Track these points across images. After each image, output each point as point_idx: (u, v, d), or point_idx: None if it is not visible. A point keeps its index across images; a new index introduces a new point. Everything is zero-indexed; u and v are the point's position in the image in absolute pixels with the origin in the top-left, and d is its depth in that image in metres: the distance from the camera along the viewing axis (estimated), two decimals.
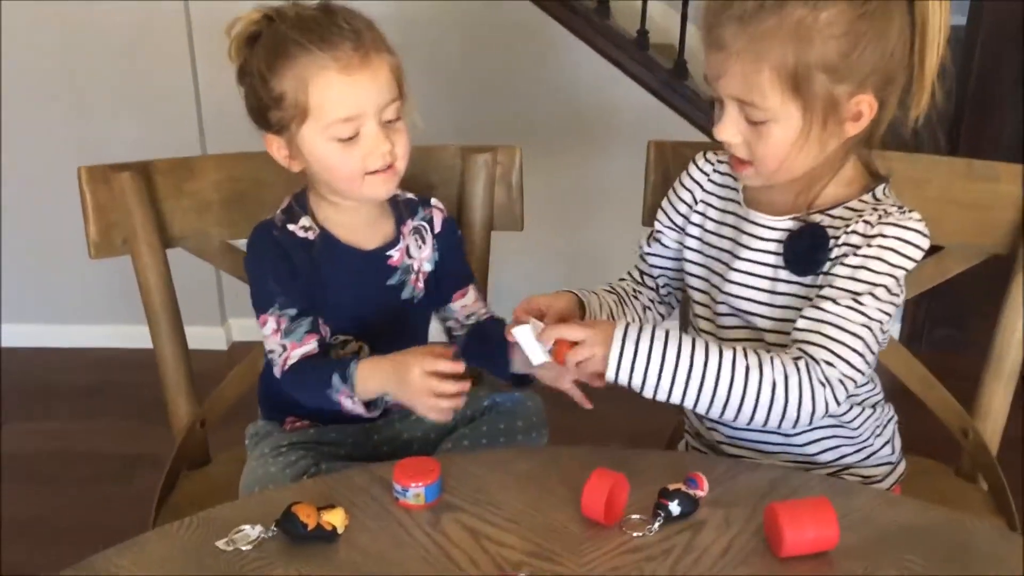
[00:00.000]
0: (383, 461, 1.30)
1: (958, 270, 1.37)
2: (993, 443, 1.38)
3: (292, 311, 1.24)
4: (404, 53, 1.24)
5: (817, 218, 1.13)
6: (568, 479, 1.05)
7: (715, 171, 1.26)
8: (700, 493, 1.03)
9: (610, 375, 1.06)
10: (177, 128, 2.65)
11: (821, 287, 1.10)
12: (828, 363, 1.06)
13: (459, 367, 1.15)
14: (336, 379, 1.19)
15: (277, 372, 1.26)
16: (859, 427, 1.21)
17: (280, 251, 1.25)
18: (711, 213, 1.25)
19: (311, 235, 1.28)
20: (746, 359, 1.05)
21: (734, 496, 1.04)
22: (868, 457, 1.23)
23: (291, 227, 1.27)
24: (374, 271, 1.31)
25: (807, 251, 1.12)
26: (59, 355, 2.86)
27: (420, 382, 1.13)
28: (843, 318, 1.07)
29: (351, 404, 1.20)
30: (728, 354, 1.05)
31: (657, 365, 1.04)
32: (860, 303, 1.07)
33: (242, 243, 1.44)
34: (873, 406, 1.23)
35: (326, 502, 1.00)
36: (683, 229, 1.27)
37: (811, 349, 1.07)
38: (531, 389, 1.37)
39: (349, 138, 1.19)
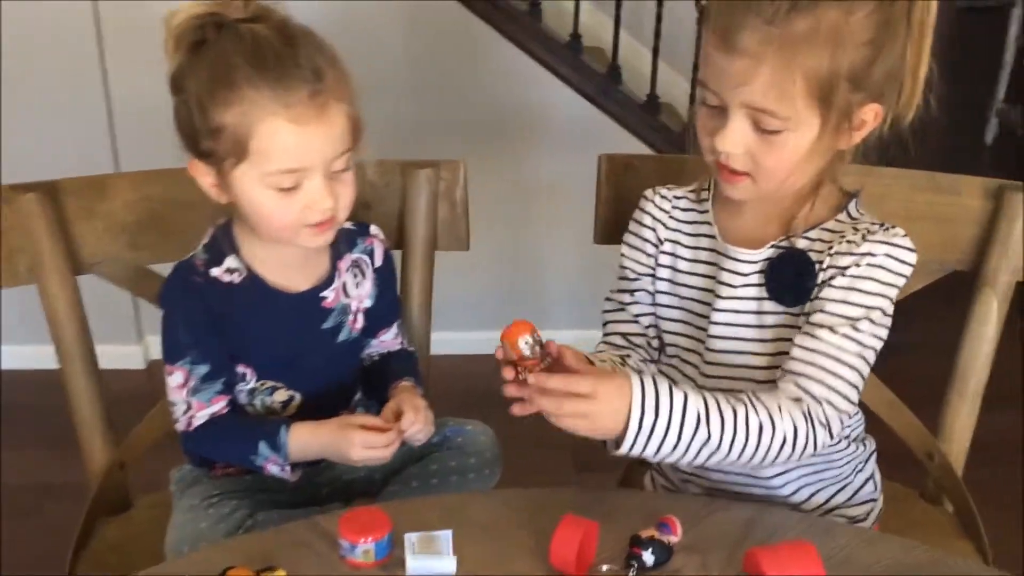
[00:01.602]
0: (325, 505, 1.23)
1: (919, 286, 1.32)
2: (958, 464, 1.34)
3: (203, 368, 1.15)
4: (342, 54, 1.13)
5: (797, 244, 1.07)
6: (531, 525, 0.99)
7: (675, 207, 1.18)
8: (674, 539, 0.97)
9: (620, 451, 0.98)
10: (86, 141, 2.47)
11: (810, 314, 1.05)
12: (827, 401, 1.02)
13: (391, 430, 1.12)
14: (264, 447, 1.12)
15: (179, 427, 1.16)
16: (842, 465, 1.16)
17: (199, 301, 1.14)
18: (681, 252, 1.17)
19: (237, 278, 1.16)
20: (758, 415, 0.99)
21: (710, 540, 0.99)
22: (851, 496, 1.18)
23: (215, 271, 1.15)
24: (307, 315, 1.20)
25: (793, 280, 1.06)
26: None
27: (360, 454, 1.11)
28: (839, 348, 1.02)
29: (278, 470, 1.13)
30: (741, 412, 0.99)
31: (674, 438, 0.97)
32: (857, 329, 1.02)
33: (160, 267, 1.33)
34: (855, 440, 1.17)
35: (265, 563, 0.92)
36: (653, 272, 1.19)
37: (809, 385, 1.02)
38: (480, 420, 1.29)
39: (289, 188, 1.07)
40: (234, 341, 1.16)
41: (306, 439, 1.12)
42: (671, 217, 1.17)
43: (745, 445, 0.99)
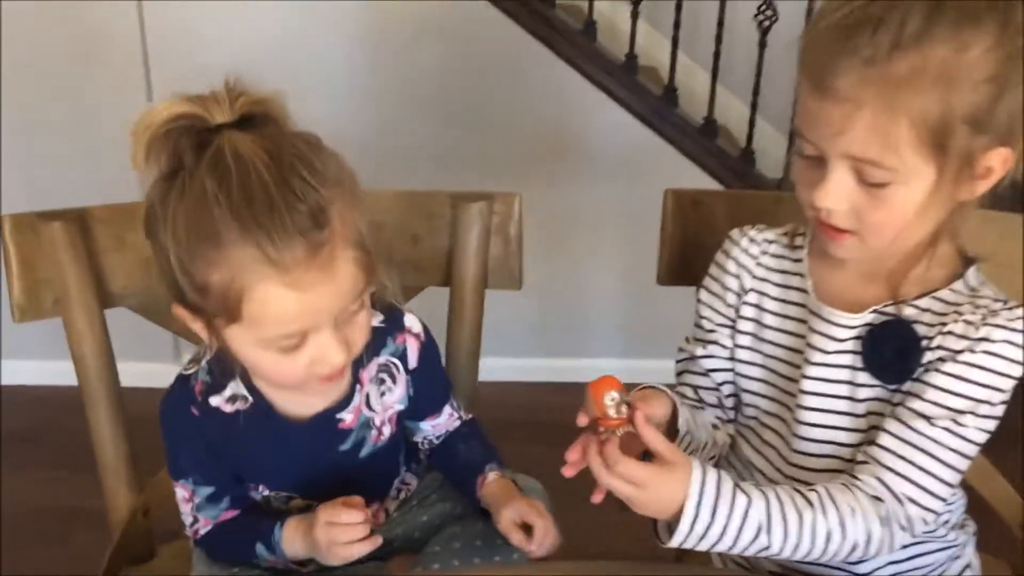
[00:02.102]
0: (357, 567, 1.13)
1: None
2: None
3: (207, 490, 1.06)
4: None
5: (904, 311, 0.96)
6: None
7: (764, 253, 1.07)
8: None
9: (670, 544, 0.91)
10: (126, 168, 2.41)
11: (908, 396, 0.94)
12: (913, 501, 0.92)
13: (358, 517, 0.99)
14: (261, 548, 1.03)
15: (188, 534, 1.09)
16: (937, 551, 1.05)
17: (197, 432, 1.03)
18: (768, 304, 1.06)
19: (241, 405, 1.03)
20: (827, 520, 0.90)
21: None
22: None
23: (215, 401, 1.03)
24: (320, 441, 1.07)
25: (895, 355, 0.95)
26: None
27: (322, 534, 0.99)
28: (938, 443, 0.91)
29: (282, 565, 1.05)
30: (808, 518, 0.90)
31: (729, 542, 0.90)
32: (960, 424, 0.91)
33: None
34: (954, 527, 1.06)
35: None
36: (733, 324, 1.08)
37: (894, 482, 0.92)
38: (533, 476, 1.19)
39: (292, 347, 0.92)
40: (240, 466, 1.08)
41: (291, 532, 1.03)
42: (759, 264, 1.07)
43: (809, 552, 0.91)
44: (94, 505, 1.28)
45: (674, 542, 0.90)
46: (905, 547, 1.01)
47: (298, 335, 0.91)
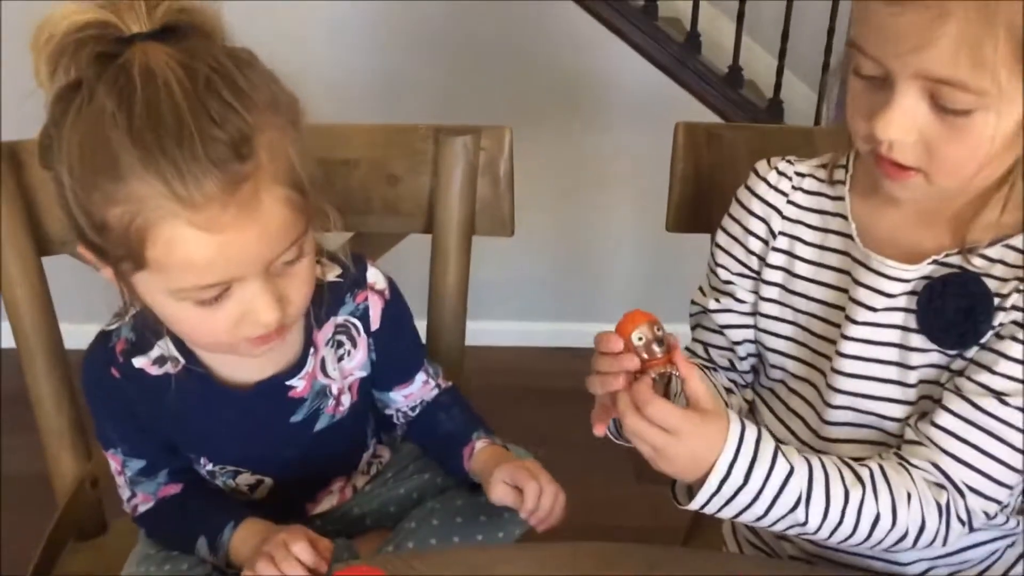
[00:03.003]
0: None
1: None
2: None
3: (138, 463, 0.94)
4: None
5: (972, 263, 0.80)
6: None
7: (797, 189, 0.91)
8: None
9: (690, 506, 0.78)
10: None
11: (972, 366, 0.79)
12: (975, 491, 0.78)
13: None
14: (201, 543, 0.90)
15: (126, 509, 0.97)
16: (994, 540, 0.89)
17: (119, 398, 0.90)
18: (801, 251, 0.90)
19: (169, 368, 0.90)
20: (876, 502, 0.77)
21: None
22: None
23: (138, 362, 0.90)
24: (267, 411, 0.94)
25: (960, 316, 0.79)
26: None
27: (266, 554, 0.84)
28: (1009, 425, 0.77)
29: (214, 561, 0.91)
30: (855, 497, 0.78)
31: (760, 510, 0.78)
32: None
33: None
34: (1014, 512, 0.89)
35: None
36: (758, 274, 0.93)
37: (955, 470, 0.79)
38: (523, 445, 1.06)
39: (212, 299, 0.78)
40: (174, 436, 0.94)
41: (242, 552, 0.87)
42: (789, 202, 0.90)
43: (851, 536, 0.79)
44: None
45: (695, 504, 0.78)
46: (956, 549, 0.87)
47: (217, 287, 0.77)
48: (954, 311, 0.79)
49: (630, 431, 0.76)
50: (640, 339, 0.78)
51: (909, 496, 0.78)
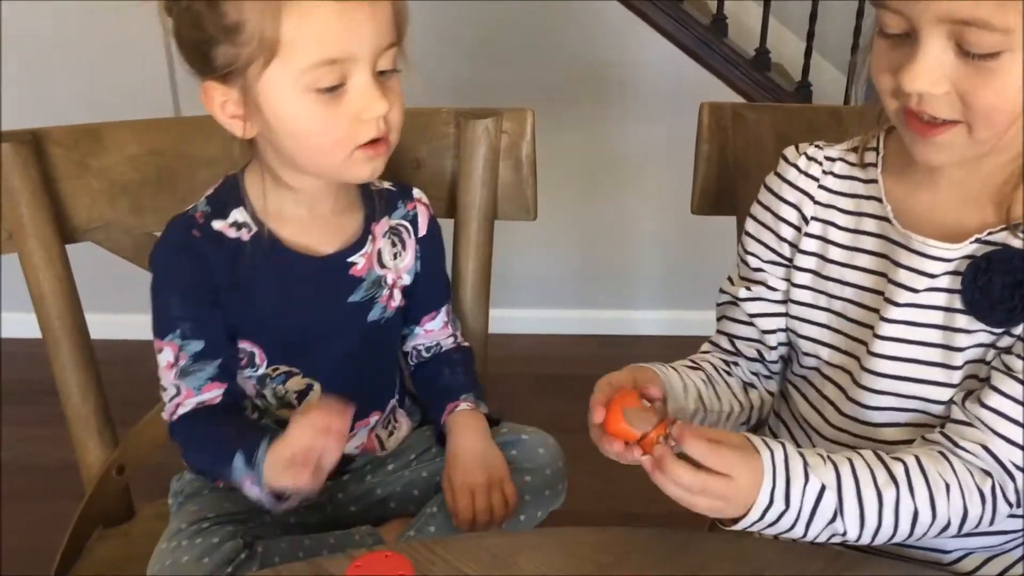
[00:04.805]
0: (349, 529, 1.01)
1: None
2: None
3: (196, 345, 0.93)
4: (412, 6, 0.90)
5: (1015, 239, 0.78)
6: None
7: (827, 173, 0.89)
8: None
9: (732, 528, 0.78)
10: (142, 84, 2.25)
11: (1018, 340, 0.77)
12: None
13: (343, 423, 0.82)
14: (239, 460, 0.87)
15: (164, 416, 0.95)
16: None
17: (197, 262, 0.92)
18: (835, 236, 0.88)
19: (245, 234, 0.94)
20: (914, 498, 0.76)
21: None
22: None
23: (217, 225, 0.94)
24: (330, 284, 0.98)
25: (1008, 292, 0.77)
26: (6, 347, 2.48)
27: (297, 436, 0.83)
28: None
29: (257, 493, 0.88)
30: (890, 497, 0.76)
31: (800, 531, 0.77)
32: None
33: None
34: None
35: None
36: (790, 261, 0.91)
37: (1006, 452, 0.77)
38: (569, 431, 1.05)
39: (332, 88, 0.85)
40: (239, 312, 0.95)
41: (278, 464, 0.85)
42: (821, 187, 0.89)
43: (893, 536, 0.78)
44: None
45: (740, 526, 0.77)
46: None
47: (337, 68, 0.85)
48: (1001, 287, 0.77)
49: (686, 501, 0.76)
50: (632, 424, 0.78)
51: (948, 487, 0.77)
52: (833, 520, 0.76)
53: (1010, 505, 0.78)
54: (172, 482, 1.06)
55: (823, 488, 0.76)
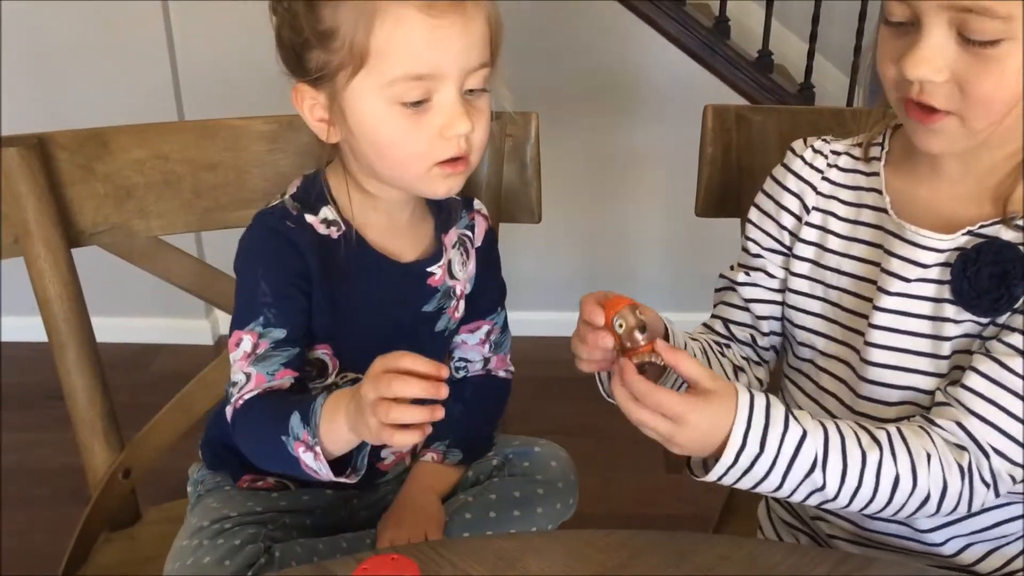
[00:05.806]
0: (359, 532, 1.01)
1: None
2: None
3: (279, 333, 0.90)
4: None
5: (1006, 234, 0.79)
6: None
7: (832, 166, 0.91)
8: None
9: (706, 478, 0.78)
10: (147, 94, 2.28)
11: (1003, 330, 0.78)
12: (1000, 453, 0.77)
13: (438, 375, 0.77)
14: (295, 420, 0.82)
15: (229, 412, 0.91)
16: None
17: (290, 248, 0.91)
18: (834, 226, 0.90)
19: (334, 232, 0.94)
20: (895, 463, 0.77)
21: None
22: None
23: (309, 218, 0.94)
24: (411, 291, 0.99)
25: (994, 282, 0.78)
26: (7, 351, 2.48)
27: (371, 388, 0.76)
28: None
29: (312, 459, 0.82)
30: (873, 459, 0.77)
31: (777, 480, 0.77)
32: None
33: (177, 238, 1.12)
34: None
35: None
36: (790, 249, 0.92)
37: (980, 430, 0.77)
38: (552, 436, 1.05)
39: (417, 103, 0.86)
40: (320, 308, 0.93)
41: (337, 412, 0.80)
42: (824, 179, 0.91)
43: (872, 500, 0.79)
44: None
45: (712, 476, 0.78)
46: (988, 510, 0.85)
47: (424, 84, 0.85)
48: (988, 277, 0.78)
49: (635, 422, 0.77)
50: (621, 326, 0.78)
51: (929, 457, 0.77)
52: (812, 472, 0.77)
53: (986, 486, 0.78)
54: (192, 469, 1.07)
55: (804, 435, 0.76)
